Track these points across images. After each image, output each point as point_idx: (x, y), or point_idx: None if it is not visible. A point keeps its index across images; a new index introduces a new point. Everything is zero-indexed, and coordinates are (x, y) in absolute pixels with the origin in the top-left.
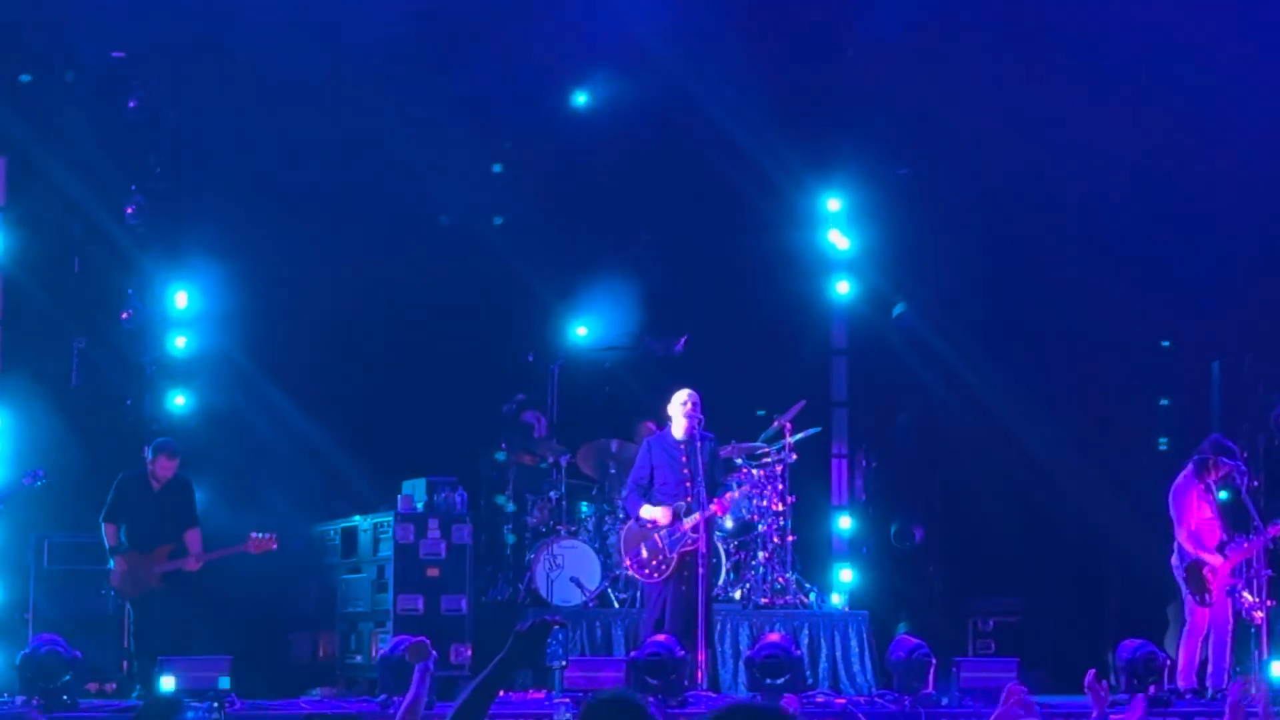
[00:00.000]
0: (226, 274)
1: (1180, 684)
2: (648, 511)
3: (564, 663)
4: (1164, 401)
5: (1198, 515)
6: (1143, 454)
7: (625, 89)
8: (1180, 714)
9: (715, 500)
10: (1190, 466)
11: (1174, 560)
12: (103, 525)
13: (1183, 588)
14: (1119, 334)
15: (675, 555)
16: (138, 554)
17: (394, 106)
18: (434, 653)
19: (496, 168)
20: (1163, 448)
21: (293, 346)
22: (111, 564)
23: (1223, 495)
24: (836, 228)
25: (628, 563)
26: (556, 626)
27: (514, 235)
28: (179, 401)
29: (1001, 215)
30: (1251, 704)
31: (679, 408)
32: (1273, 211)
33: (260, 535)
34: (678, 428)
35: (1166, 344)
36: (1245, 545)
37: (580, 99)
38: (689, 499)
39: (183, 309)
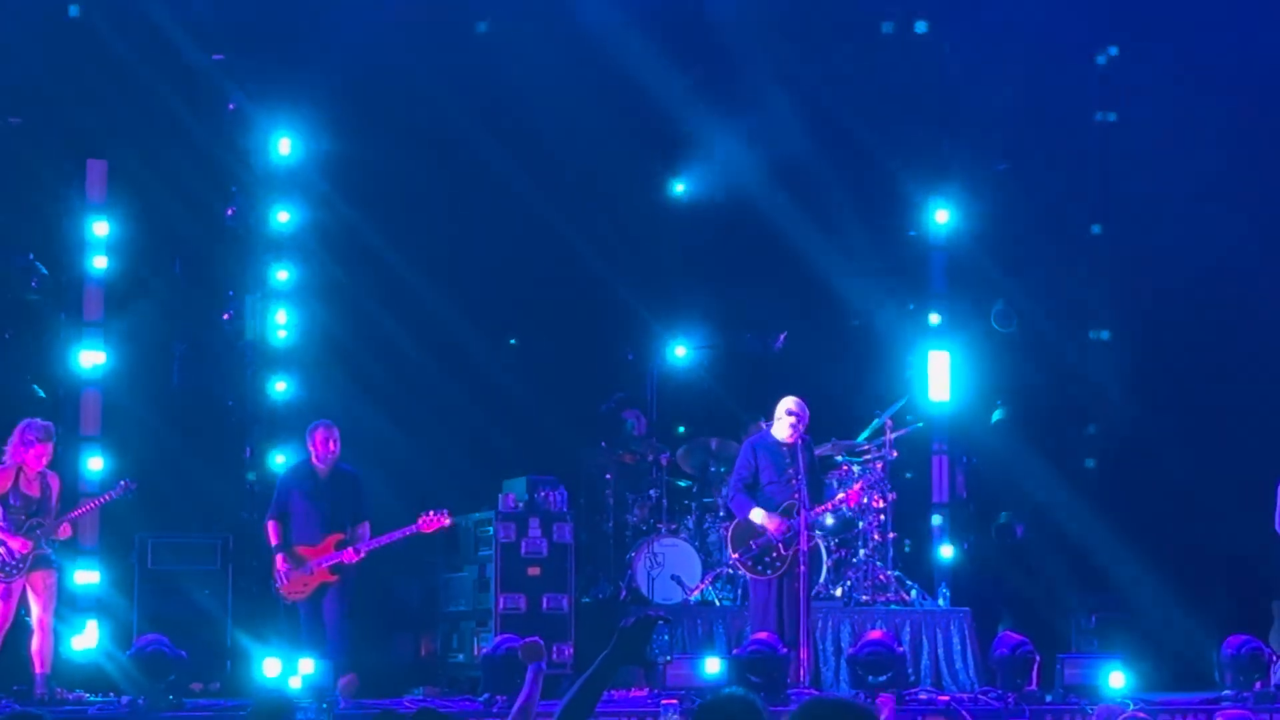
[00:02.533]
0: (326, 275)
1: None
2: (758, 516)
3: (668, 658)
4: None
5: None
6: (1248, 448)
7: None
8: None
9: (853, 487)
10: None
11: None
12: (267, 526)
13: None
14: (1225, 324)
15: (790, 553)
16: (307, 547)
17: (494, 117)
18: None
19: None
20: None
21: (392, 346)
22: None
23: None
24: (934, 224)
25: (736, 557)
26: (660, 622)
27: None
28: (279, 387)
29: (1099, 206)
30: None
31: (784, 416)
32: None
33: (433, 513)
34: (780, 431)
35: None
36: None
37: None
38: (795, 497)
39: (283, 318)
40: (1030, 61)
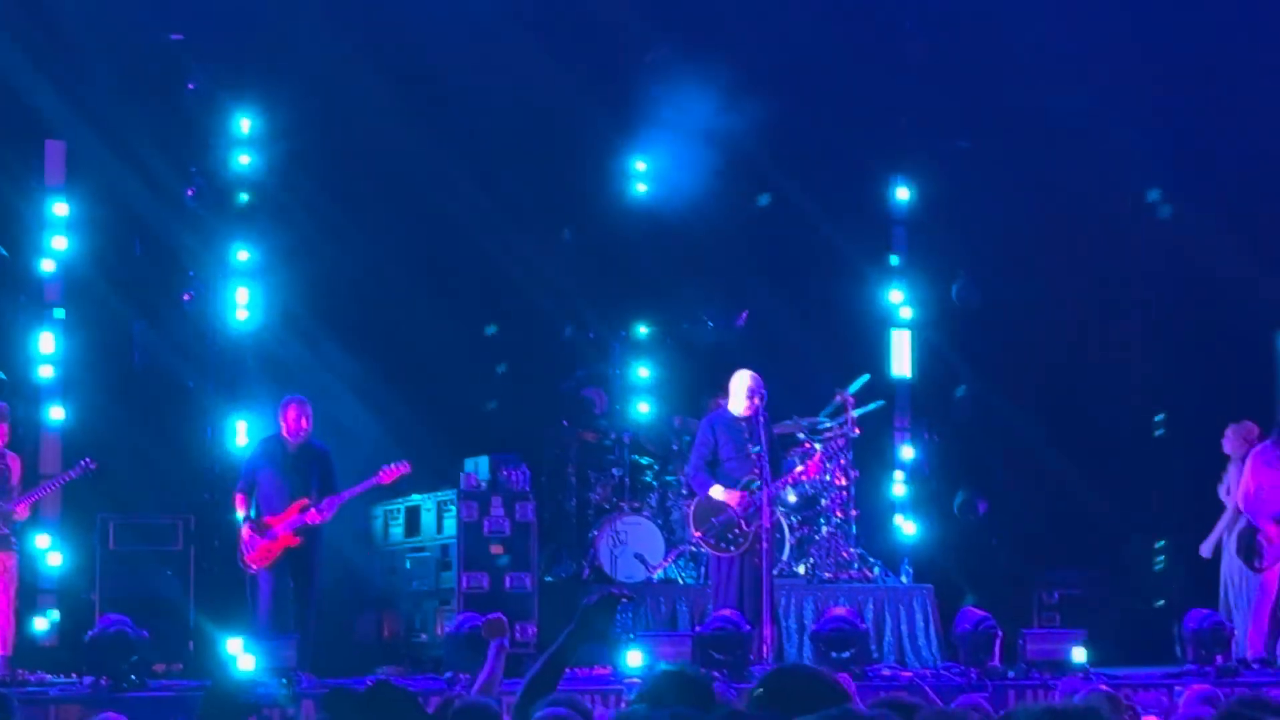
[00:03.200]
0: (288, 255)
1: (1248, 653)
2: (718, 493)
3: (632, 636)
4: (1228, 375)
5: (1261, 482)
6: (1206, 426)
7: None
8: (1248, 684)
9: (810, 461)
10: (1273, 434)
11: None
12: (235, 498)
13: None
14: (1181, 304)
15: (752, 529)
16: (272, 516)
17: (460, 92)
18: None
19: None
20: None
21: (353, 325)
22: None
23: None
24: (896, 202)
25: (697, 535)
26: (624, 599)
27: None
28: (241, 367)
29: (1060, 184)
30: None
31: (741, 390)
32: None
33: (393, 464)
34: (737, 406)
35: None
36: None
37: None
38: (755, 473)
39: (243, 297)
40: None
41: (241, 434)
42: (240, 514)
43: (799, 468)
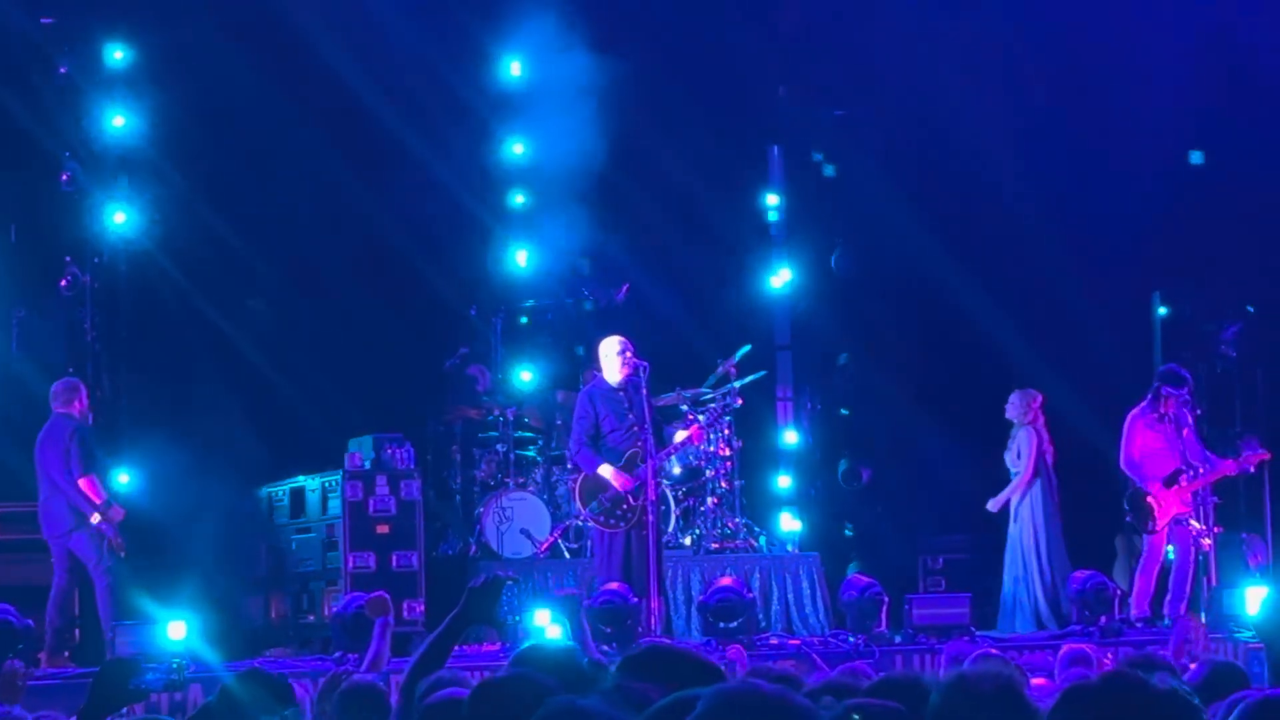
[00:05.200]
0: (166, 244)
1: (1133, 613)
2: (606, 472)
3: (518, 617)
4: (1107, 336)
5: (1143, 445)
6: (1085, 387)
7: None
8: (1132, 643)
9: (692, 428)
10: (1147, 397)
11: None
12: (84, 481)
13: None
14: (1059, 268)
15: (639, 503)
16: (111, 504)
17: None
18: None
19: None
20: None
21: (232, 307)
22: (103, 520)
23: None
24: (774, 171)
25: (585, 513)
26: (509, 581)
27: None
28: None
29: (937, 153)
30: (1194, 638)
31: (613, 356)
32: (1203, 138)
33: None
34: (612, 374)
35: None
36: (1201, 476)
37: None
38: (639, 445)
39: (123, 274)
40: None
41: None
42: (102, 499)
43: (683, 435)
